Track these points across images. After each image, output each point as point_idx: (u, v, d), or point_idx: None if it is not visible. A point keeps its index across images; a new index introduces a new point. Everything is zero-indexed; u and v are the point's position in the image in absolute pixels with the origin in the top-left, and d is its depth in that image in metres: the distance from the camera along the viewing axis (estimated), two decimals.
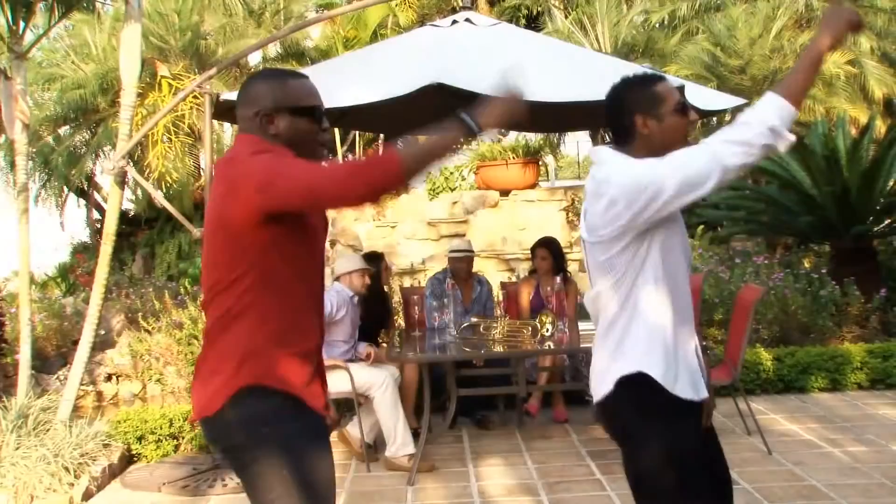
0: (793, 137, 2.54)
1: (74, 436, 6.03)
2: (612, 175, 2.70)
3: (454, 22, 6.67)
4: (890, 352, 7.86)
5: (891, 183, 9.81)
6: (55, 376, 8.52)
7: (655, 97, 2.78)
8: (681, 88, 5.53)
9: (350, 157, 20.52)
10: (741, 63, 14.85)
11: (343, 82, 6.31)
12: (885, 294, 9.09)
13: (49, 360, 9.21)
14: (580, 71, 6.45)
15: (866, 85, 14.75)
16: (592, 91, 5.90)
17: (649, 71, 3.09)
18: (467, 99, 5.81)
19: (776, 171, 10.34)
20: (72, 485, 5.67)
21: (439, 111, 7.46)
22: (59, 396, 6.56)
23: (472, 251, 7.39)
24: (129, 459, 6.47)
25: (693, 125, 2.85)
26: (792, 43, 14.87)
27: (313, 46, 18.26)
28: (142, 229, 16.60)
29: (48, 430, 6.05)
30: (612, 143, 2.88)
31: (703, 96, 6.52)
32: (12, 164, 13.02)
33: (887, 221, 10.18)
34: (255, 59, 17.92)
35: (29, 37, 6.81)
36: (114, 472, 6.17)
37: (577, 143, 25.23)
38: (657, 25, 17.68)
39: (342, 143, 18.73)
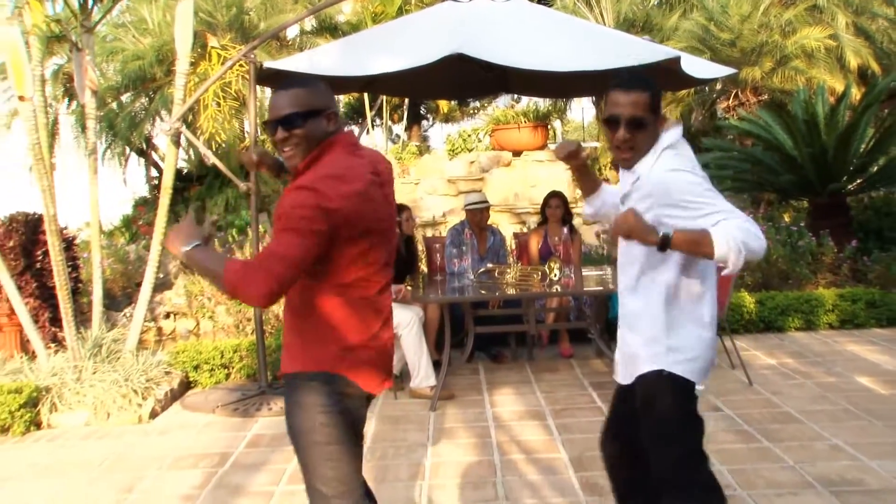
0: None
1: (141, 363, 6.18)
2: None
3: None
4: (858, 296, 7.89)
5: (863, 145, 9.75)
6: (122, 313, 8.61)
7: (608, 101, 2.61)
8: (676, 60, 5.48)
9: (378, 121, 20.49)
10: (732, 37, 14.62)
11: (373, 53, 6.29)
12: (855, 245, 9.10)
13: (116, 300, 9.32)
14: (585, 43, 6.40)
15: (843, 56, 14.52)
16: (595, 61, 5.87)
17: (623, 73, 2.90)
18: (481, 65, 5.81)
19: (761, 134, 10.28)
20: (140, 405, 5.83)
21: (456, 79, 7.48)
22: (126, 330, 6.68)
23: (488, 201, 7.41)
24: (187, 385, 6.61)
25: (618, 142, 2.59)
26: (778, 19, 14.64)
27: (345, 21, 18.08)
28: (193, 185, 16.64)
29: (118, 358, 6.19)
30: None
31: (698, 66, 6.47)
32: (83, 128, 13.06)
33: (859, 180, 10.15)
34: (293, 32, 17.80)
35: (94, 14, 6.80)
36: (174, 396, 6.32)
37: (581, 108, 24.93)
38: (656, 3, 17.42)
39: (370, 108, 18.69)
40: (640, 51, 5.88)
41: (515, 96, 18.83)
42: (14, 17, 5.59)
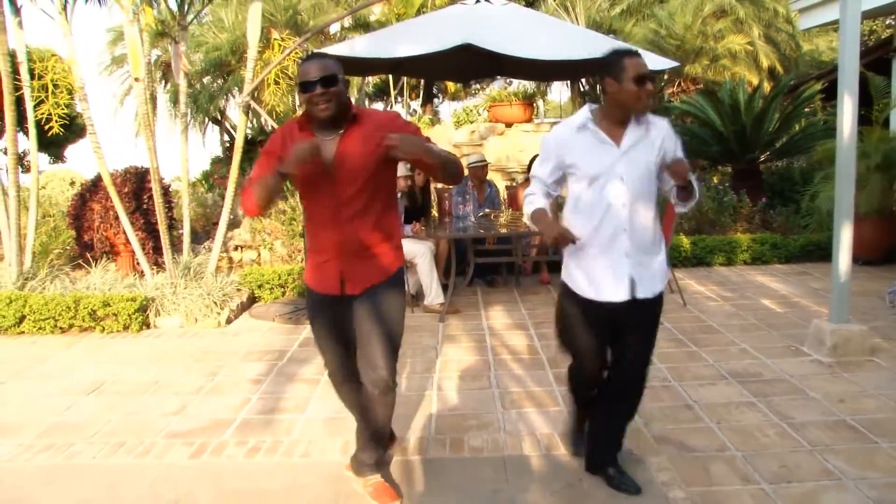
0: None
1: (219, 282, 6.21)
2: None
3: (477, 1, 6.50)
4: (765, 240, 7.86)
5: (771, 126, 9.74)
6: (202, 245, 8.61)
7: (621, 66, 2.59)
8: (634, 52, 5.35)
9: (399, 98, 20.19)
10: (678, 41, 14.41)
11: (398, 42, 6.22)
12: (765, 201, 9.09)
13: (198, 235, 9.31)
14: (564, 39, 6.30)
15: (758, 58, 14.36)
16: (571, 52, 5.79)
17: (627, 47, 2.90)
18: (485, 55, 5.71)
19: (697, 114, 10.21)
20: (219, 313, 5.86)
21: (462, 65, 7.31)
22: (206, 258, 6.69)
23: (486, 160, 7.30)
24: (253, 299, 6.63)
25: (648, 94, 2.60)
26: (712, 27, 14.43)
27: (375, 20, 17.80)
28: (256, 146, 16.55)
29: (202, 278, 6.21)
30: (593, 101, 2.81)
31: (650, 59, 6.37)
32: (175, 102, 12.91)
33: (768, 152, 10.15)
34: (334, 29, 17.49)
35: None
36: (244, 307, 6.35)
37: (559, 92, 24.70)
38: (618, 13, 17.04)
39: (394, 87, 18.51)
40: (606, 46, 5.78)
41: (508, 79, 18.63)
42: (134, 19, 5.72)
